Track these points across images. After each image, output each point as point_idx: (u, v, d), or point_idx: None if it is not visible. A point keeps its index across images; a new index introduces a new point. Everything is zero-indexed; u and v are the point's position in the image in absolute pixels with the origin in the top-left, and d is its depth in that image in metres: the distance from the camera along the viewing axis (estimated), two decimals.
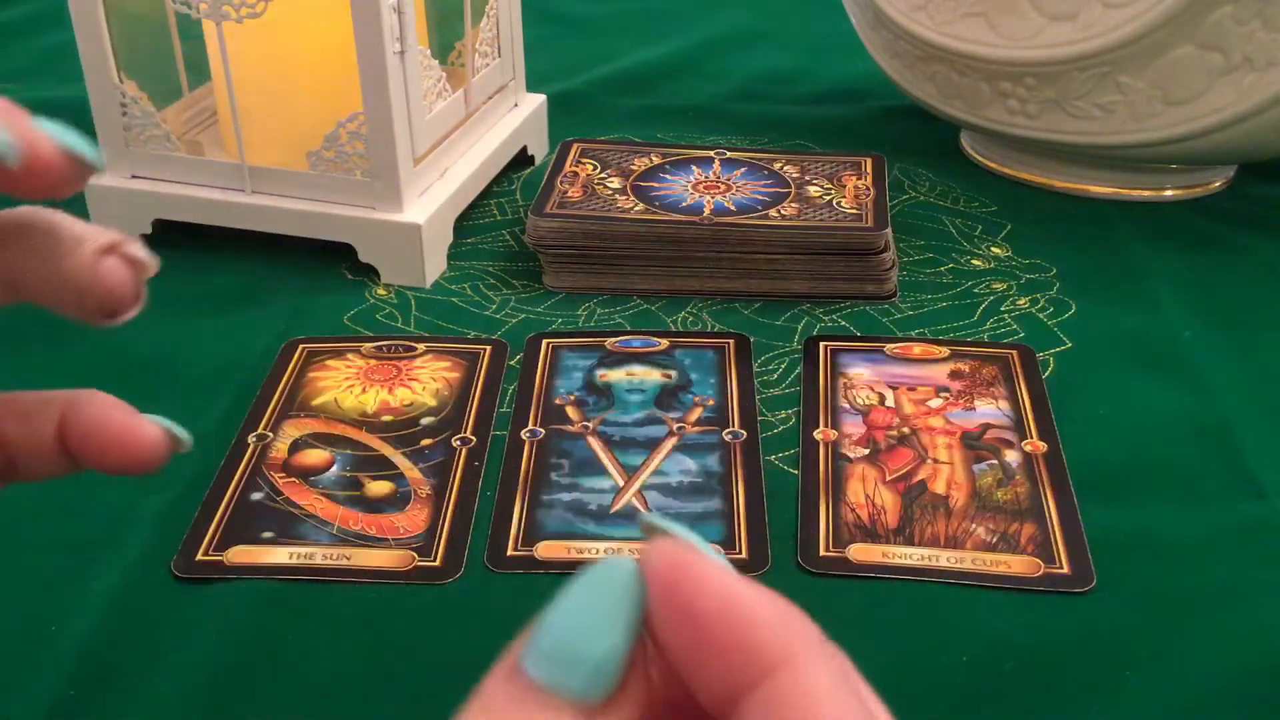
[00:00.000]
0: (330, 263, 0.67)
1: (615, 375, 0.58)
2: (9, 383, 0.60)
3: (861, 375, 0.57)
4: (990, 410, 0.55)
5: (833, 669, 0.20)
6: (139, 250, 0.27)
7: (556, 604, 0.20)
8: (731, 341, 0.60)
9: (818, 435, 0.54)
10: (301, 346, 0.60)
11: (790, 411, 0.55)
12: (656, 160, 0.72)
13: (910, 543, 0.47)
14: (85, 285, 0.26)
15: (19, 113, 0.23)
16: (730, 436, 0.53)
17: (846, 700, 0.19)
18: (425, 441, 0.53)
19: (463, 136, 0.70)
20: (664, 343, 0.60)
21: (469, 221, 0.71)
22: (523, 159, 0.78)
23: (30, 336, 0.61)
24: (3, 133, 0.22)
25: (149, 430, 0.28)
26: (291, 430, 0.54)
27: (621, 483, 0.51)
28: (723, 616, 0.19)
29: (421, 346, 0.60)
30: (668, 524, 0.21)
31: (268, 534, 0.48)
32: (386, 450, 0.53)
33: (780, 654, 0.19)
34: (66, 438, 0.28)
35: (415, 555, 0.47)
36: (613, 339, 0.60)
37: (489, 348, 0.60)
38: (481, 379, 0.57)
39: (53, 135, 0.24)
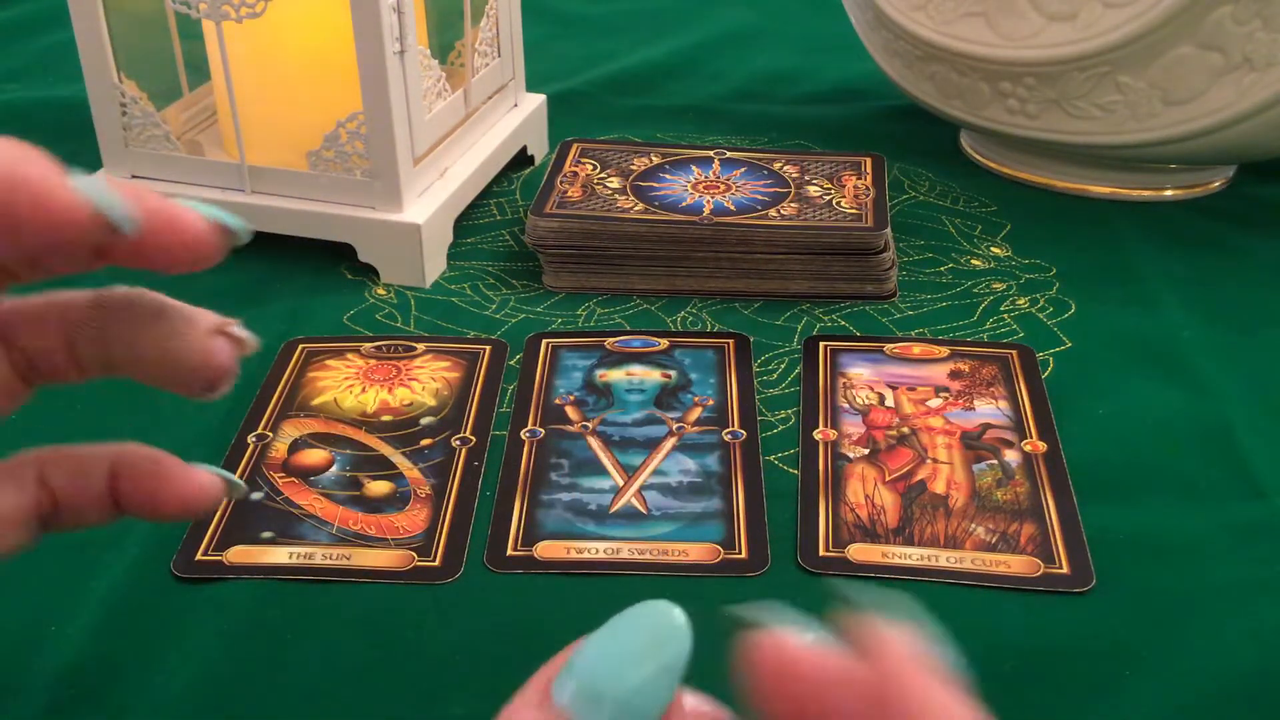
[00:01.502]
0: (330, 263, 0.67)
1: (615, 375, 0.58)
2: None
3: (861, 375, 0.57)
4: (990, 410, 0.55)
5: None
6: (243, 331, 0.28)
7: (602, 637, 0.20)
8: (731, 341, 0.60)
9: (817, 435, 0.54)
10: (301, 346, 0.60)
11: (790, 411, 0.55)
12: (656, 160, 0.72)
13: (910, 543, 0.47)
14: (197, 364, 0.27)
15: (150, 194, 0.25)
16: (730, 436, 0.53)
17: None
18: (425, 441, 0.53)
19: (462, 136, 0.70)
20: (664, 343, 0.60)
21: (469, 221, 0.71)
22: (523, 159, 0.78)
23: None
24: (121, 206, 0.24)
25: (202, 476, 0.29)
26: (291, 430, 0.54)
27: (621, 483, 0.51)
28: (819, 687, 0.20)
29: (421, 346, 0.60)
30: (760, 614, 0.22)
31: (267, 534, 0.48)
32: (386, 450, 0.53)
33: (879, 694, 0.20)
34: (120, 489, 0.28)
35: (415, 555, 0.47)
36: (613, 339, 0.60)
37: (489, 348, 0.60)
38: (481, 379, 0.57)
39: (198, 209, 0.26)
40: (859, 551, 0.47)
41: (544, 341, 0.60)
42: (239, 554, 0.47)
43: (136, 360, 0.27)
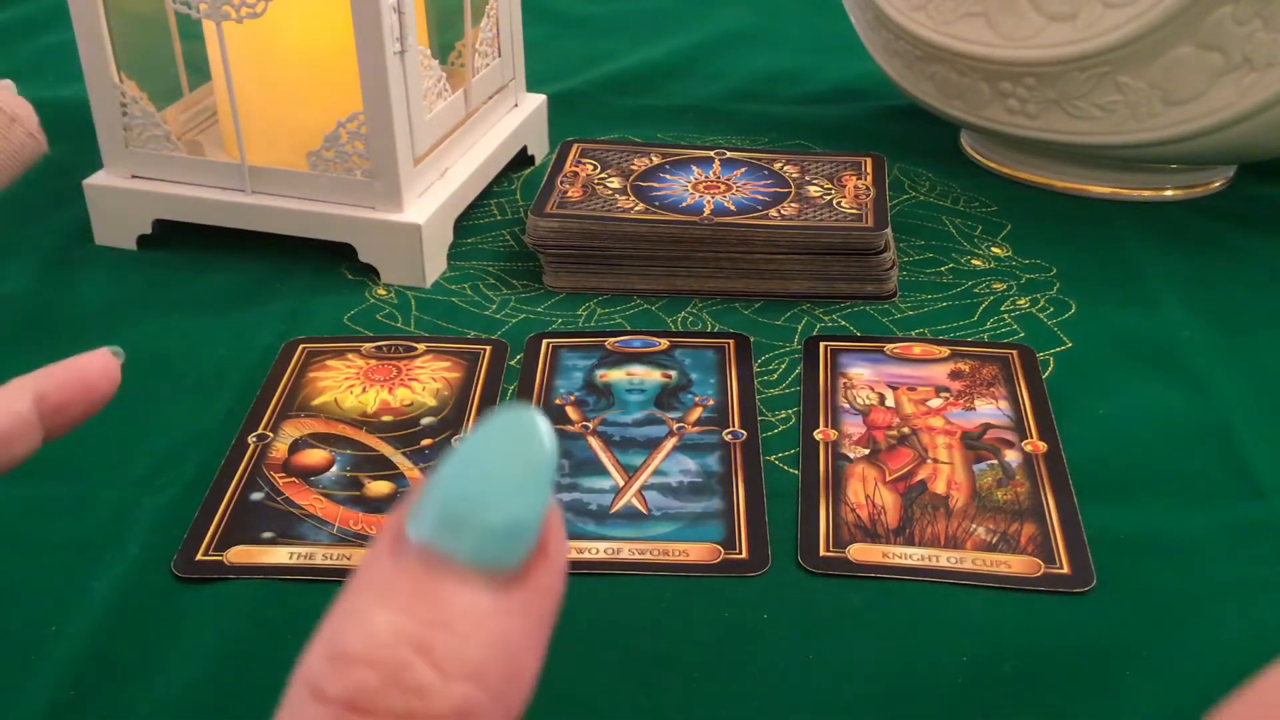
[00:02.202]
0: (330, 263, 0.67)
1: (615, 375, 0.58)
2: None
3: (861, 375, 0.57)
4: (990, 410, 0.55)
5: None
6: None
7: (456, 460, 0.17)
8: (731, 341, 0.60)
9: (818, 435, 0.54)
10: (301, 346, 0.60)
11: (790, 411, 0.55)
12: (656, 160, 0.72)
13: (910, 543, 0.47)
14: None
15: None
16: (730, 436, 0.53)
17: None
18: (425, 441, 0.53)
19: (463, 136, 0.70)
20: (664, 343, 0.60)
21: (469, 221, 0.71)
22: (523, 159, 0.78)
23: (30, 337, 0.61)
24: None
25: (99, 356, 0.31)
26: (291, 430, 0.54)
27: (621, 483, 0.51)
28: None
29: (421, 346, 0.60)
30: None
31: (268, 534, 0.48)
32: (386, 450, 0.53)
33: None
34: (50, 400, 0.30)
35: None
36: (613, 339, 0.60)
37: (489, 348, 0.60)
38: (481, 379, 0.57)
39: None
40: (859, 551, 0.47)
41: (544, 341, 0.60)
42: (239, 554, 0.47)
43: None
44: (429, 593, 0.17)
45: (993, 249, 0.69)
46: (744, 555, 0.47)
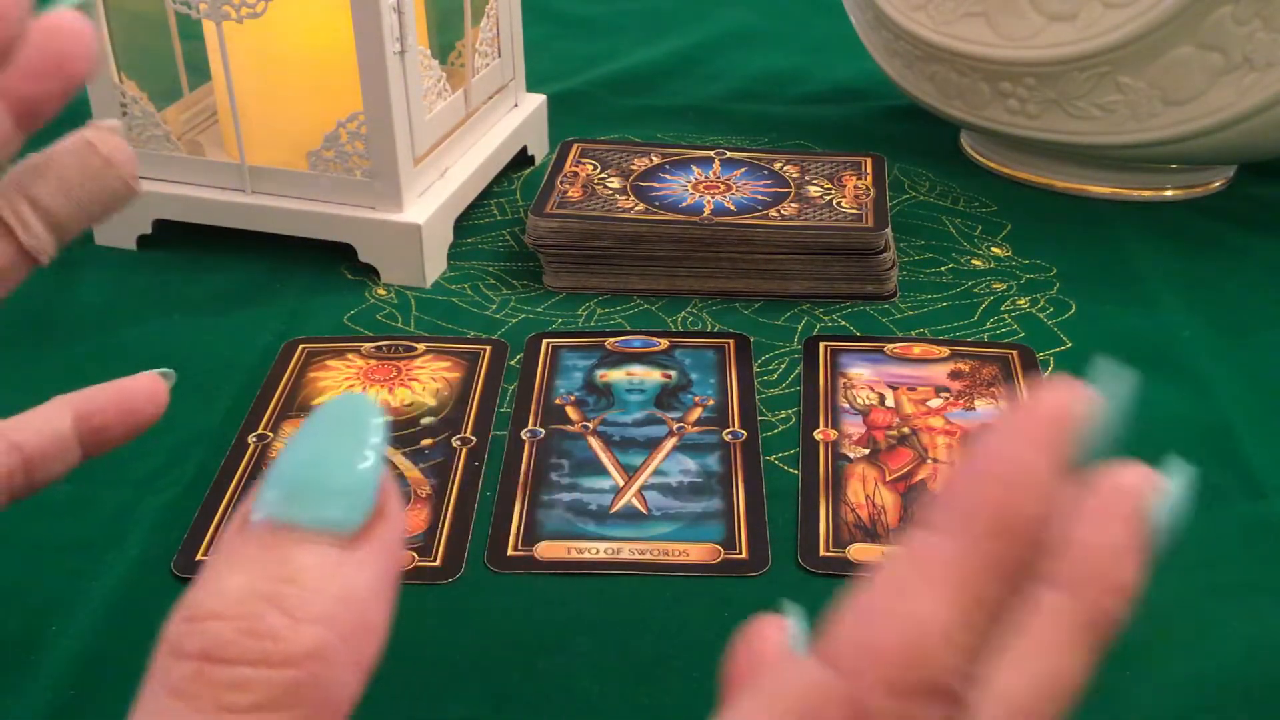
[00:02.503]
0: (330, 263, 0.67)
1: (615, 375, 0.58)
2: (9, 382, 0.60)
3: (861, 375, 0.57)
4: (991, 410, 0.55)
5: (955, 578, 0.17)
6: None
7: (291, 445, 0.19)
8: (731, 341, 0.60)
9: (818, 435, 0.54)
10: (301, 346, 0.60)
11: (790, 411, 0.55)
12: (656, 160, 0.72)
13: None
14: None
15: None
16: (730, 436, 0.53)
17: None
18: (425, 441, 0.53)
19: (463, 136, 0.70)
20: (664, 343, 0.60)
21: (469, 221, 0.71)
22: (523, 159, 0.78)
23: (29, 337, 0.61)
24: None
25: (146, 379, 0.31)
26: (291, 430, 0.54)
27: (621, 483, 0.51)
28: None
29: (421, 346, 0.60)
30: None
31: None
32: (386, 450, 0.53)
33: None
34: (90, 422, 0.30)
35: (415, 555, 0.47)
36: (613, 339, 0.60)
37: (489, 348, 0.60)
38: (481, 379, 0.57)
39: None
40: (859, 551, 0.47)
41: (544, 341, 0.60)
42: None
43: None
44: (276, 554, 0.18)
45: (993, 249, 0.69)
46: (744, 555, 0.47)
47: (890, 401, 0.56)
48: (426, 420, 0.55)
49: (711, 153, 0.73)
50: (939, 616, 0.16)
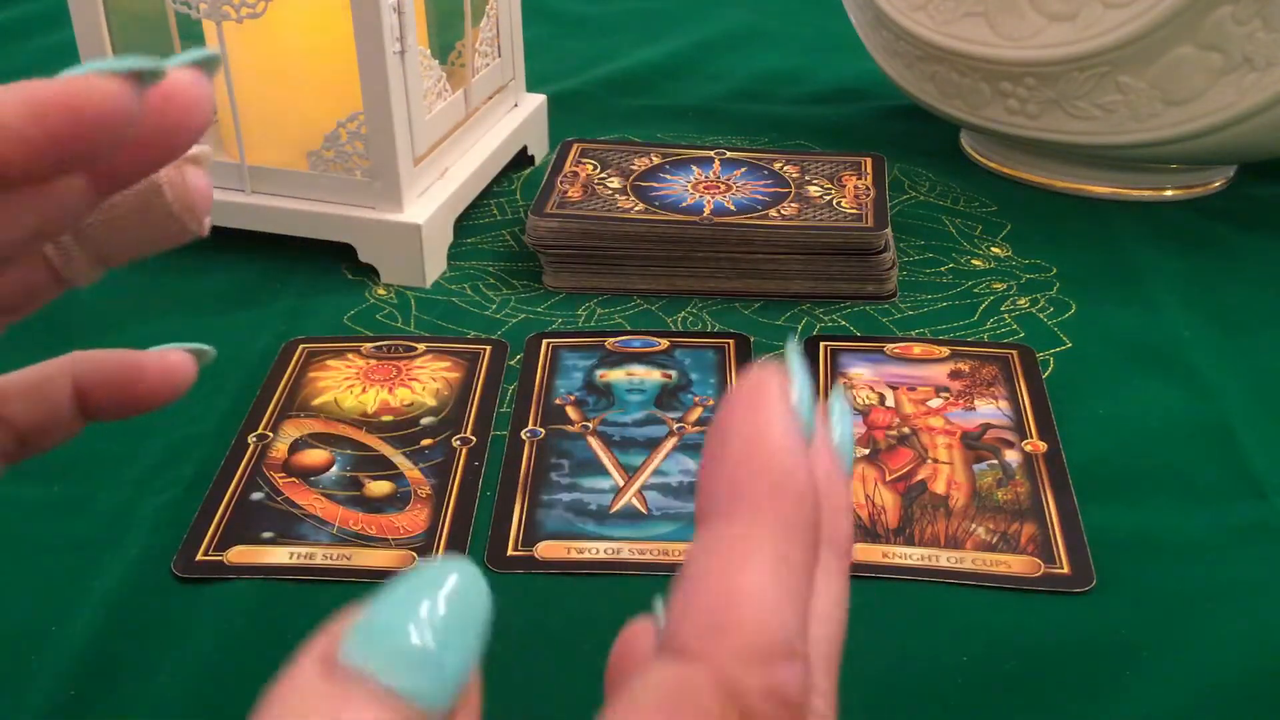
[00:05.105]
0: (330, 263, 0.67)
1: (615, 375, 0.58)
2: None
3: (861, 375, 0.57)
4: (990, 410, 0.55)
5: (769, 553, 0.18)
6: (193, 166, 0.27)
7: (400, 598, 0.17)
8: (731, 341, 0.60)
9: None
10: (301, 346, 0.60)
11: None
12: (656, 160, 0.72)
13: (910, 543, 0.47)
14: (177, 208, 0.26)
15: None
16: None
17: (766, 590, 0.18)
18: (425, 441, 0.53)
19: (463, 136, 0.70)
20: (664, 343, 0.60)
21: (469, 221, 0.71)
22: (523, 159, 0.78)
23: (30, 338, 0.61)
24: (133, 60, 0.21)
25: (171, 357, 0.28)
26: (291, 430, 0.54)
27: (621, 483, 0.51)
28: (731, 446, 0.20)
29: (421, 346, 0.60)
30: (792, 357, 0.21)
31: (268, 534, 0.48)
32: (386, 450, 0.53)
33: (720, 508, 0.19)
34: (91, 401, 0.28)
35: (415, 555, 0.47)
36: (613, 339, 0.60)
37: (489, 348, 0.60)
38: (481, 379, 0.57)
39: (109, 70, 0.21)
40: (859, 551, 0.47)
41: (544, 341, 0.60)
42: (239, 554, 0.47)
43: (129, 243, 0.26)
44: (352, 709, 0.16)
45: (993, 249, 0.69)
46: None
47: (890, 401, 0.56)
48: (426, 420, 0.55)
49: (711, 153, 0.73)
50: (765, 583, 0.18)
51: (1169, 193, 0.74)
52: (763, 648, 0.17)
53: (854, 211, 0.65)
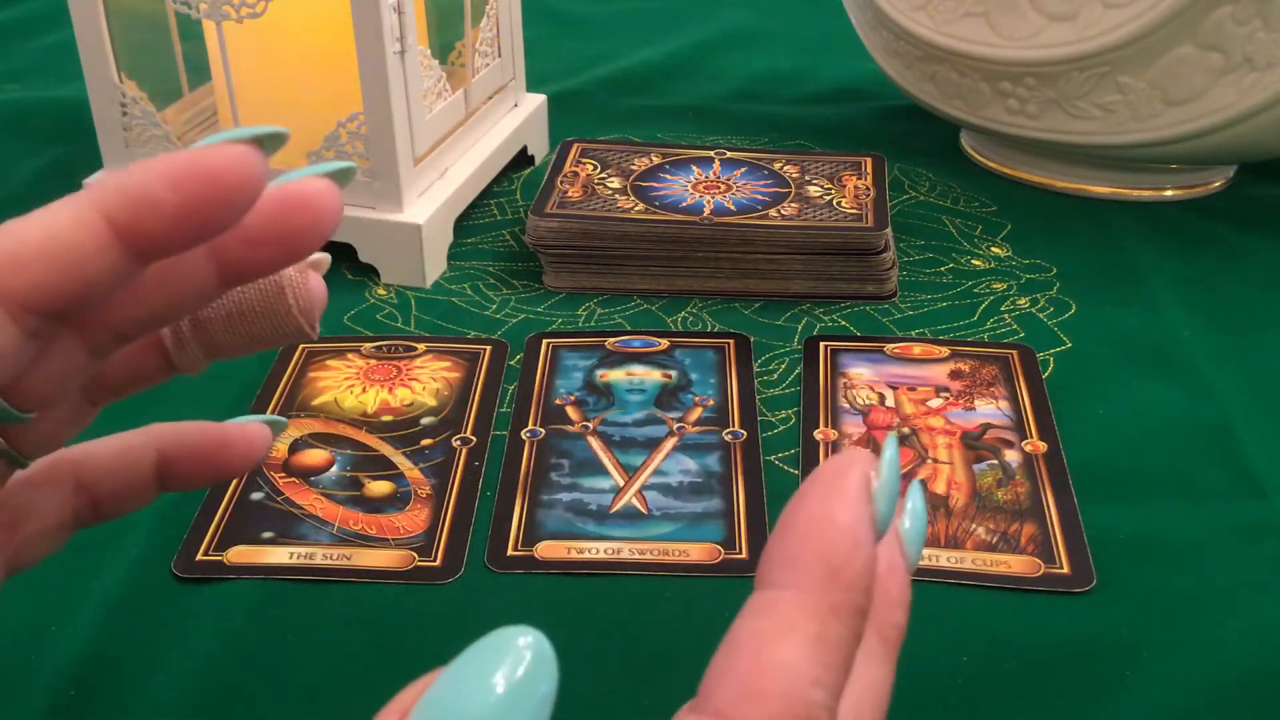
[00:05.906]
0: (330, 263, 0.67)
1: (615, 375, 0.58)
2: None
3: (861, 375, 0.57)
4: (990, 410, 0.55)
5: (811, 629, 0.19)
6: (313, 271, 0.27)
7: (466, 674, 0.18)
8: (731, 341, 0.60)
9: (818, 435, 0.54)
10: (301, 346, 0.60)
11: (790, 411, 0.55)
12: (656, 160, 0.72)
13: None
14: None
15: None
16: (730, 436, 0.53)
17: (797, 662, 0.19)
18: (425, 441, 0.53)
19: (463, 136, 0.70)
20: (664, 343, 0.60)
21: (469, 221, 0.71)
22: (523, 159, 0.78)
23: None
24: (259, 129, 0.22)
25: (250, 430, 0.30)
26: (292, 430, 0.54)
27: (622, 483, 0.51)
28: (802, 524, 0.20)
29: (421, 346, 0.60)
30: None
31: (268, 534, 0.48)
32: (386, 450, 0.53)
33: (771, 579, 0.20)
34: (174, 471, 0.29)
35: (415, 555, 0.47)
36: (613, 339, 0.60)
37: (489, 348, 0.60)
38: (481, 379, 0.57)
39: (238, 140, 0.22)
40: None
41: (544, 341, 0.60)
42: (239, 554, 0.47)
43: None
44: None
45: (993, 249, 0.69)
46: (744, 555, 0.47)
47: (890, 401, 0.56)
48: (426, 420, 0.55)
49: (711, 153, 0.73)
50: (799, 658, 0.18)
51: (1169, 193, 0.74)
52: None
53: (854, 211, 0.65)
